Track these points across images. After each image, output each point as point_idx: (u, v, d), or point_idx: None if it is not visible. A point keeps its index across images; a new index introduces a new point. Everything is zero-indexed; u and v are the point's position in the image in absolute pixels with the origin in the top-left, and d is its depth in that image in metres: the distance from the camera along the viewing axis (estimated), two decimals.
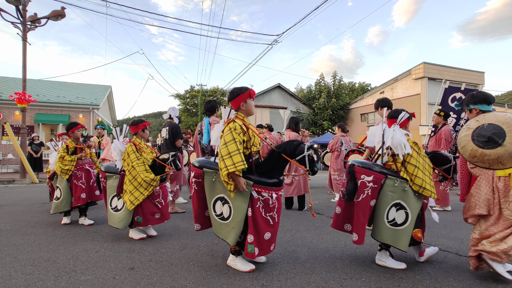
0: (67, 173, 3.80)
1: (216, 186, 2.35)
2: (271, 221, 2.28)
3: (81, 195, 3.80)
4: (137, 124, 3.39)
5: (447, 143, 4.71)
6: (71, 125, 3.97)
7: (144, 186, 3.10)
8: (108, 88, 20.53)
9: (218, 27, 55.41)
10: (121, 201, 3.21)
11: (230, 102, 2.50)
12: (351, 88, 31.92)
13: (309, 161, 2.29)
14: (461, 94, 5.51)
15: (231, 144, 2.16)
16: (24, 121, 10.11)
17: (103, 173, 3.40)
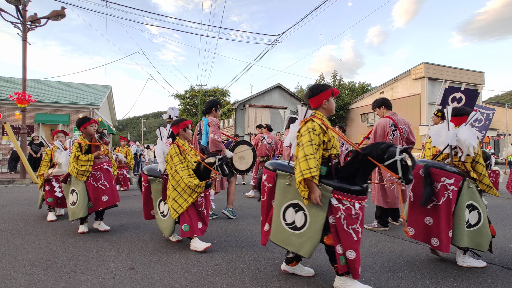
0: (84, 175, 3.40)
1: (290, 191, 2.12)
2: (354, 235, 1.93)
3: (102, 198, 3.43)
4: (178, 123, 3.09)
5: None
6: (83, 120, 3.55)
7: (188, 193, 2.84)
8: (108, 88, 20.54)
9: (218, 27, 55.45)
10: (167, 206, 3.02)
11: (310, 100, 2.20)
12: (351, 88, 31.90)
13: (402, 167, 1.94)
14: (461, 94, 5.51)
15: (308, 145, 1.95)
16: (24, 121, 10.11)
17: (145, 176, 3.23)
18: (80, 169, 3.39)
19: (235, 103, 24.08)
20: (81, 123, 3.53)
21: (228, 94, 32.11)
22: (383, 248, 2.95)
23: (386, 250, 2.91)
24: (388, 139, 3.68)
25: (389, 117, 3.76)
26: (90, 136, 3.59)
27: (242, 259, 2.65)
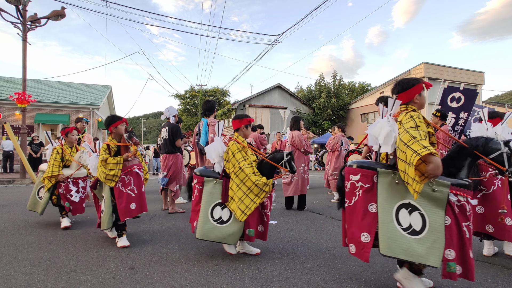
0: (113, 180, 2.98)
1: (398, 190, 1.87)
2: (467, 233, 1.79)
3: (130, 206, 2.99)
4: (242, 118, 2.85)
5: (445, 143, 4.71)
6: (113, 118, 3.14)
7: (255, 192, 2.59)
8: (108, 88, 20.54)
9: (218, 27, 55.46)
10: (227, 211, 2.67)
11: (400, 94, 2.05)
12: (351, 88, 31.93)
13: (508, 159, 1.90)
14: (460, 94, 5.51)
15: (413, 130, 1.76)
16: (24, 121, 10.11)
17: (200, 178, 2.78)
18: (108, 174, 2.97)
19: (235, 103, 24.08)
20: (111, 122, 3.12)
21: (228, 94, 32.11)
22: None
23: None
24: None
25: None
26: (119, 137, 3.20)
27: (242, 259, 2.65)
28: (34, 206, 3.94)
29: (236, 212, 2.58)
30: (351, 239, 2.00)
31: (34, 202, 3.96)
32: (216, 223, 2.62)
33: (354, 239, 1.98)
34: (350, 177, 2.01)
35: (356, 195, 1.98)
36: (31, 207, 3.96)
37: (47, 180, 3.75)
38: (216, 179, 2.74)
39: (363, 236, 1.94)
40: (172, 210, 4.69)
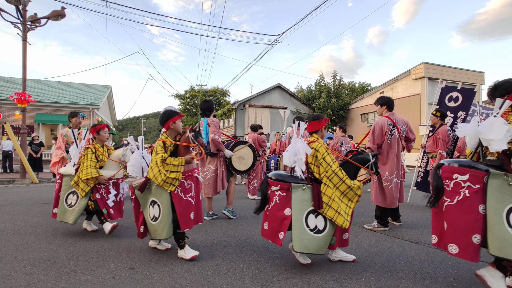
0: (173, 184, 2.58)
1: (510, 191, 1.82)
2: None
3: (190, 216, 2.65)
4: (321, 119, 2.68)
5: (444, 143, 4.71)
6: (170, 113, 2.72)
7: (348, 196, 2.45)
8: (108, 88, 20.56)
9: (218, 27, 55.46)
10: (321, 219, 2.42)
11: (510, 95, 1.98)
12: (351, 88, 31.95)
13: None
14: (457, 93, 5.53)
15: None
16: (24, 121, 10.11)
17: (284, 184, 2.46)
18: (169, 176, 2.56)
19: (235, 103, 24.09)
20: (168, 117, 2.70)
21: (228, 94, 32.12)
22: (383, 248, 2.96)
23: (386, 250, 2.91)
24: (386, 138, 3.67)
25: (388, 117, 3.75)
26: (175, 134, 2.80)
27: (242, 259, 2.65)
28: (63, 215, 3.40)
29: (338, 219, 2.37)
30: (455, 240, 1.94)
31: (63, 211, 3.42)
32: (313, 233, 2.37)
33: (460, 240, 1.92)
34: (455, 176, 1.96)
35: (460, 195, 1.93)
36: (62, 218, 3.41)
37: (84, 184, 3.28)
38: (305, 185, 2.46)
39: (475, 238, 1.89)
40: None
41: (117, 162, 3.52)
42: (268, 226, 2.54)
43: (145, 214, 2.76)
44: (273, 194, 2.50)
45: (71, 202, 3.41)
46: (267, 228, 2.54)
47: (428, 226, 3.85)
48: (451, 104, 5.54)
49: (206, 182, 4.10)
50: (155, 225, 2.65)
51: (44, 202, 5.57)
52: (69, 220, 3.32)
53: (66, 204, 3.43)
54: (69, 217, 3.34)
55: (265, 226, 2.57)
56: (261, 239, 3.23)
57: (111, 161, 3.51)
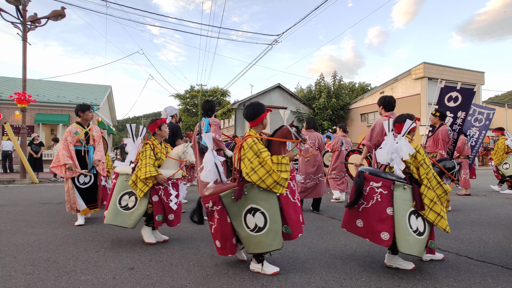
0: (283, 185, 2.28)
1: None
2: None
3: (300, 219, 2.38)
4: (413, 119, 2.59)
5: (444, 143, 4.71)
6: (260, 107, 2.44)
7: (442, 201, 2.45)
8: (108, 88, 20.56)
9: (218, 27, 55.48)
10: (421, 220, 2.36)
11: None
12: (351, 88, 31.94)
13: None
14: (457, 93, 5.53)
15: None
16: (24, 121, 10.11)
17: (386, 181, 2.35)
18: (282, 177, 2.25)
19: (235, 103, 24.08)
20: (259, 112, 2.42)
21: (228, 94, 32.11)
22: (383, 248, 2.95)
23: (386, 250, 2.91)
24: None
25: (388, 116, 3.75)
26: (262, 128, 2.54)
27: None
28: (114, 218, 3.03)
29: (440, 223, 2.35)
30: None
31: (116, 213, 3.05)
32: (415, 234, 2.30)
33: None
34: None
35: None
36: (113, 221, 3.02)
37: (142, 183, 2.98)
38: (406, 184, 2.38)
39: None
40: None
41: (177, 160, 3.16)
42: (364, 224, 2.38)
43: (239, 225, 2.30)
44: (373, 191, 2.36)
45: (126, 204, 3.07)
46: (362, 226, 2.39)
47: None
48: (451, 104, 5.54)
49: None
50: (259, 236, 2.24)
51: (44, 202, 5.57)
52: (127, 224, 3.00)
53: (119, 205, 3.07)
54: (126, 221, 3.00)
55: (358, 223, 2.41)
56: None
57: (170, 159, 3.16)
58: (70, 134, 3.89)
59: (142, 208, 3.03)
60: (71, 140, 3.89)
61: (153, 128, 3.23)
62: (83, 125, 4.07)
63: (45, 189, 7.77)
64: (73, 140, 3.90)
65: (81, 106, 4.04)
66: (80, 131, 3.99)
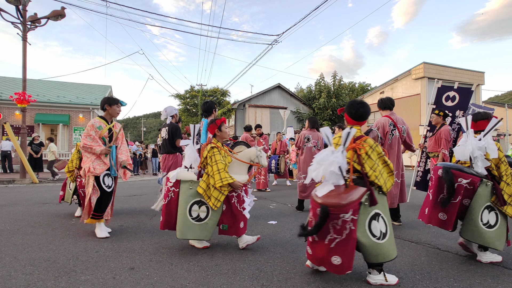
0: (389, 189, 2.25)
1: None
2: None
3: None
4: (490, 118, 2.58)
5: (447, 143, 4.71)
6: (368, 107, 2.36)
7: None
8: (108, 88, 20.55)
9: (218, 27, 55.46)
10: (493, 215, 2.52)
11: None
12: (351, 88, 31.94)
13: None
14: (454, 93, 5.59)
15: None
16: (24, 121, 10.11)
17: (475, 178, 2.49)
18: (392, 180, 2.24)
19: (235, 103, 24.08)
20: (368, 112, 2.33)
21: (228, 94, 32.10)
22: None
23: None
24: (387, 138, 3.67)
25: (388, 116, 3.76)
26: None
27: (242, 259, 2.65)
28: (188, 231, 2.74)
29: None
30: None
31: (188, 225, 2.76)
32: (485, 227, 2.48)
33: None
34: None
35: None
36: (187, 235, 2.74)
37: (218, 192, 2.70)
38: (489, 181, 2.51)
39: None
40: None
41: (248, 164, 2.92)
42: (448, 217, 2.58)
43: (363, 234, 2.03)
44: (461, 188, 2.50)
45: (197, 215, 2.76)
46: (445, 219, 2.58)
47: (428, 226, 3.85)
48: (448, 103, 5.58)
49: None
50: (384, 244, 2.06)
51: (44, 202, 5.58)
52: (204, 236, 2.75)
53: (190, 217, 2.76)
54: (202, 233, 2.75)
55: (441, 216, 2.59)
56: (261, 239, 3.23)
57: (239, 162, 2.90)
58: (93, 128, 3.37)
59: (216, 218, 2.78)
60: (95, 135, 3.37)
61: (213, 130, 2.97)
62: (107, 120, 3.53)
63: (45, 189, 7.78)
64: (96, 135, 3.36)
65: (109, 99, 3.51)
66: (104, 126, 3.43)
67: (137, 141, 16.43)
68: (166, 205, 2.85)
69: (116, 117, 3.73)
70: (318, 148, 4.86)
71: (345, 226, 1.98)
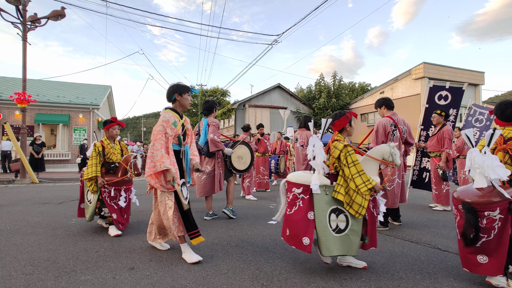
0: None
1: None
2: None
3: None
4: None
5: (451, 142, 4.74)
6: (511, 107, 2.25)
7: None
8: (108, 88, 20.56)
9: (218, 27, 55.47)
10: None
11: None
12: (351, 88, 31.97)
13: None
14: (446, 92, 5.69)
15: None
16: (24, 121, 10.11)
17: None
18: None
19: (235, 103, 24.09)
20: None
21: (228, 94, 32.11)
22: (383, 248, 2.95)
23: (386, 250, 2.91)
24: (389, 139, 3.68)
25: (389, 117, 3.76)
26: None
27: (242, 259, 2.65)
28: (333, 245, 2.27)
29: None
30: None
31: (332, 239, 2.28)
32: None
33: None
34: None
35: None
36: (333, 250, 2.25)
37: (361, 198, 2.27)
38: None
39: None
40: None
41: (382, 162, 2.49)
42: None
43: None
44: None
45: (336, 226, 2.31)
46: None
47: (428, 226, 3.85)
48: (441, 102, 5.68)
49: (201, 182, 4.11)
50: None
51: (44, 202, 5.58)
52: (349, 251, 2.29)
53: (331, 228, 2.29)
54: (344, 247, 2.28)
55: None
56: (261, 239, 3.23)
57: (371, 161, 2.47)
58: (169, 125, 2.64)
59: (359, 228, 2.31)
60: (172, 134, 2.65)
61: (343, 123, 2.58)
62: (179, 113, 2.81)
63: (45, 189, 7.78)
64: (172, 133, 2.66)
65: (179, 87, 2.77)
66: (178, 121, 2.73)
67: (138, 141, 16.43)
68: (292, 215, 2.37)
69: (187, 108, 3.10)
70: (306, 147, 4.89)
71: (493, 226, 1.96)
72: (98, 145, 3.55)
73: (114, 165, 3.67)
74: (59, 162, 15.21)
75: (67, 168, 15.20)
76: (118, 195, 3.54)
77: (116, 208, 3.50)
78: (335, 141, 2.47)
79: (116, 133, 3.71)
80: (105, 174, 3.57)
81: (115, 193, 3.50)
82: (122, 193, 3.58)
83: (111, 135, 3.68)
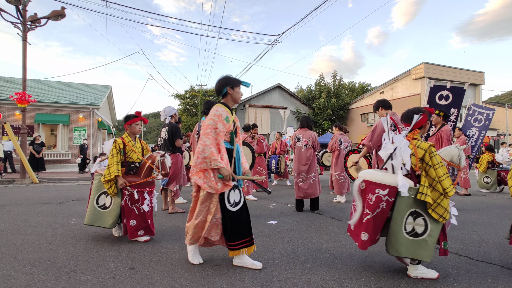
0: None
1: None
2: None
3: None
4: None
5: (449, 143, 4.73)
6: None
7: None
8: (108, 88, 20.56)
9: (218, 27, 55.52)
10: None
11: None
12: (351, 88, 31.98)
13: None
14: (447, 92, 5.67)
15: None
16: (24, 121, 10.11)
17: None
18: None
19: None
20: None
21: None
22: (383, 248, 2.95)
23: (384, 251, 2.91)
24: None
25: (390, 117, 3.77)
26: None
27: None
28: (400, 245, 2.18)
29: None
30: None
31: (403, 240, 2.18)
32: None
33: None
34: None
35: None
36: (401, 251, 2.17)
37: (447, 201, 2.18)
38: None
39: None
40: (172, 210, 4.69)
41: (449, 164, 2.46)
42: None
43: None
44: None
45: (412, 229, 2.18)
46: None
47: None
48: (442, 102, 5.67)
49: None
50: None
51: (44, 202, 5.58)
52: (424, 256, 2.15)
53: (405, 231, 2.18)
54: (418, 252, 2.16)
55: None
56: (261, 239, 3.23)
57: None
58: (221, 120, 2.43)
59: (437, 233, 2.18)
60: (223, 129, 2.44)
61: (423, 121, 2.40)
62: (230, 108, 2.61)
63: (45, 189, 7.78)
64: (224, 129, 2.45)
65: (231, 80, 2.57)
66: (230, 117, 2.53)
67: None
68: (374, 218, 2.22)
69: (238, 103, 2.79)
70: (310, 147, 4.86)
71: None
72: (119, 142, 3.18)
73: (134, 165, 3.30)
74: (59, 162, 15.21)
75: (67, 168, 15.20)
76: (141, 199, 3.16)
77: (137, 213, 3.11)
78: (414, 140, 2.35)
79: (139, 130, 3.35)
80: (125, 175, 3.21)
81: (138, 196, 3.13)
82: (146, 196, 3.20)
83: (133, 131, 3.31)
